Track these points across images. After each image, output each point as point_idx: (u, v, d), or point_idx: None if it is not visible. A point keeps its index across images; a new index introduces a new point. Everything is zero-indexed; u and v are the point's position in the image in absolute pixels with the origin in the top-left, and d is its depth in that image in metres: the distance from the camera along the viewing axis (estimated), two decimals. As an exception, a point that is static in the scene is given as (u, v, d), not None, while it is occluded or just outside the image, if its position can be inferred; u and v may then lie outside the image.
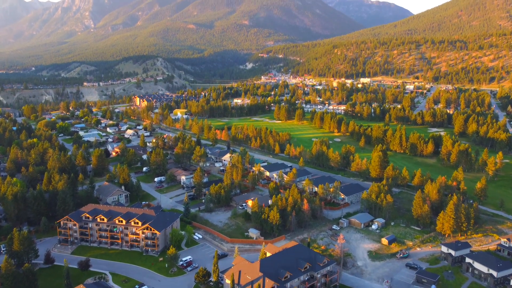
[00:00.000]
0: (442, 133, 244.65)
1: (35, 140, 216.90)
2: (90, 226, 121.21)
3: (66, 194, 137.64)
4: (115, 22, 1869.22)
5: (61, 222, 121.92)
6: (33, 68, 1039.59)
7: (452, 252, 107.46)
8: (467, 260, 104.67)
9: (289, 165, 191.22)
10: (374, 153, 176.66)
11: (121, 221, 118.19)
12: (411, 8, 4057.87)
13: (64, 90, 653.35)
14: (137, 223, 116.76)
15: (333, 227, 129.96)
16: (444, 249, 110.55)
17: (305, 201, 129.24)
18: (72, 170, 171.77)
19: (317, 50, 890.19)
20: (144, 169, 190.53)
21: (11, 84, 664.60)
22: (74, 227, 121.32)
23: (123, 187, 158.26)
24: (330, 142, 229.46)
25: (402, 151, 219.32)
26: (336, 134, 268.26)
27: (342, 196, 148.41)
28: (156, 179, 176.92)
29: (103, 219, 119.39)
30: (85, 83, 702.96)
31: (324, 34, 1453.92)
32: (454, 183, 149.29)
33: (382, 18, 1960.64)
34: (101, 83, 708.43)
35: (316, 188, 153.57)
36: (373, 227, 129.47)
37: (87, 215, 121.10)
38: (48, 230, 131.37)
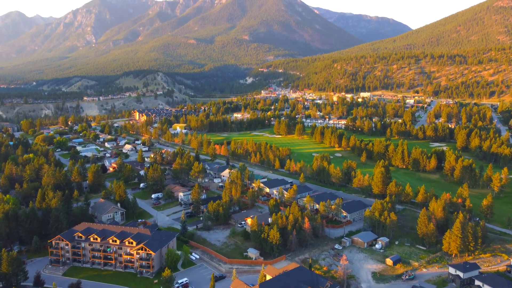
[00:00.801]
0: (444, 148, 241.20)
1: (31, 155, 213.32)
2: (83, 246, 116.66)
3: (60, 212, 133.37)
4: (117, 37, 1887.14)
5: (53, 242, 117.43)
6: (34, 83, 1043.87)
7: (461, 274, 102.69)
8: (477, 282, 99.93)
9: (289, 181, 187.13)
10: (376, 168, 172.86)
11: (115, 241, 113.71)
12: (409, 23, 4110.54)
13: (64, 105, 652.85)
14: (132, 243, 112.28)
15: (335, 247, 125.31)
16: (451, 270, 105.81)
17: (306, 219, 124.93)
18: (67, 187, 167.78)
19: (317, 65, 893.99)
20: (141, 185, 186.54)
21: (11, 99, 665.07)
22: (66, 247, 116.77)
23: (118, 204, 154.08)
24: (331, 157, 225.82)
25: (404, 167, 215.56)
26: (337, 149, 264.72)
27: (344, 214, 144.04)
28: (153, 196, 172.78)
29: (96, 239, 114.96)
30: (85, 98, 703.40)
31: (324, 49, 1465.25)
32: (459, 200, 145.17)
33: (381, 33, 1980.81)
34: (101, 98, 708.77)
35: (317, 205, 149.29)
36: (377, 246, 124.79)
37: (80, 235, 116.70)
38: (40, 249, 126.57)
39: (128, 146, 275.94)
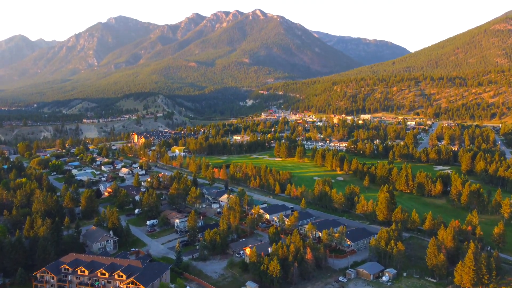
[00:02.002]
0: (449, 171, 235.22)
1: (23, 179, 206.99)
2: (69, 279, 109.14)
3: (48, 241, 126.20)
4: (118, 60, 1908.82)
5: (38, 275, 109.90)
6: (35, 105, 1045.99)
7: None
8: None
9: (290, 207, 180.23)
10: (380, 194, 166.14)
11: (104, 274, 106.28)
12: (408, 46, 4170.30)
13: (64, 127, 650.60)
14: (122, 276, 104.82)
15: (339, 279, 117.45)
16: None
17: (308, 249, 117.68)
18: (59, 213, 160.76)
19: (317, 87, 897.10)
20: (136, 211, 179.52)
21: (10, 121, 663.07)
22: (52, 280, 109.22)
23: (111, 232, 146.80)
24: (333, 181, 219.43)
25: (408, 191, 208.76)
26: (338, 172, 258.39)
27: (348, 243, 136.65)
28: (148, 223, 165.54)
29: (84, 272, 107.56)
30: (84, 120, 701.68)
31: (323, 72, 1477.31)
32: (469, 228, 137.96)
33: (380, 56, 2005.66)
34: (101, 120, 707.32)
35: (319, 233, 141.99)
36: (384, 278, 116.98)
37: (67, 267, 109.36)
38: (25, 282, 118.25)
39: (124, 170, 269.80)
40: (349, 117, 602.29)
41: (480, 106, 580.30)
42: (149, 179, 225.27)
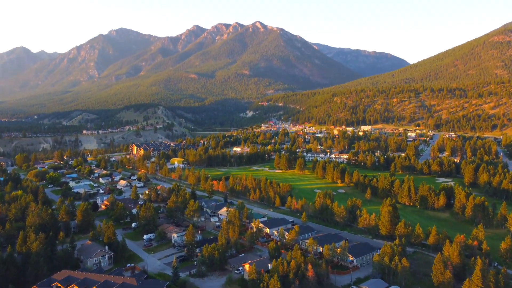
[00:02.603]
0: (451, 184, 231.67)
1: (19, 192, 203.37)
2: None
3: (40, 256, 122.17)
4: (119, 72, 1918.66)
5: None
6: (36, 116, 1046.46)
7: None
8: None
9: (290, 220, 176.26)
10: (383, 207, 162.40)
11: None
12: (407, 58, 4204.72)
13: (63, 138, 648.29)
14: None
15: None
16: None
17: (310, 266, 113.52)
18: (54, 227, 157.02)
19: (317, 99, 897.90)
20: (133, 224, 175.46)
21: (10, 132, 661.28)
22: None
23: (106, 247, 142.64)
24: (334, 193, 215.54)
25: (411, 204, 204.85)
26: (339, 184, 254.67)
27: (351, 258, 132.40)
28: (145, 237, 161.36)
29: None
30: (84, 131, 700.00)
31: (323, 83, 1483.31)
32: (475, 243, 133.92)
33: (380, 67, 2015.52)
34: (100, 131, 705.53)
35: (321, 248, 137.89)
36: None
37: (59, 284, 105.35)
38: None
39: (122, 182, 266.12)
40: (350, 129, 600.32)
41: (480, 118, 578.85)
42: (147, 192, 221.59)
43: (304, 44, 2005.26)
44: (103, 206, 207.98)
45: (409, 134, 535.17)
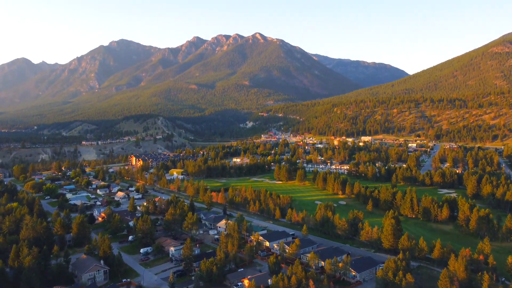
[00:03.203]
0: (454, 195, 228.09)
1: (14, 204, 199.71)
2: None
3: (33, 272, 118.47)
4: (119, 82, 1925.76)
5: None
6: (35, 127, 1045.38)
7: None
8: None
9: (291, 233, 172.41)
10: (385, 219, 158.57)
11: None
12: (406, 68, 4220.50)
13: (62, 149, 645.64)
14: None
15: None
16: None
17: (311, 282, 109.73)
18: (48, 240, 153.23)
19: (317, 109, 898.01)
20: (130, 237, 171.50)
21: (9, 143, 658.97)
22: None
23: (102, 262, 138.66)
24: (335, 205, 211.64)
25: (414, 216, 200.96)
26: (340, 196, 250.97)
27: (354, 273, 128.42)
28: (141, 250, 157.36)
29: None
30: (83, 142, 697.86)
31: (323, 94, 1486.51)
32: (481, 257, 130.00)
33: (379, 78, 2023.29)
34: (100, 142, 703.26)
35: (322, 263, 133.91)
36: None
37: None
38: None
39: (120, 194, 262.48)
40: (350, 139, 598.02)
41: (481, 128, 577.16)
42: (145, 204, 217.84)
43: (304, 55, 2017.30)
44: (100, 219, 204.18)
45: (409, 144, 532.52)
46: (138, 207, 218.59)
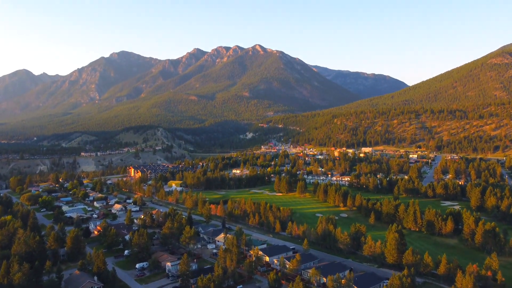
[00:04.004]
0: (457, 207, 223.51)
1: (8, 217, 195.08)
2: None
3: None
4: (120, 94, 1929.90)
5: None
6: (35, 138, 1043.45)
7: None
8: None
9: (291, 247, 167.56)
10: (389, 233, 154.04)
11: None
12: (406, 80, 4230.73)
13: (61, 160, 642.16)
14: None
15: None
16: None
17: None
18: (41, 255, 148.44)
19: (317, 120, 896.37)
20: (126, 252, 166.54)
21: (7, 154, 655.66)
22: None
23: (95, 278, 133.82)
24: (336, 218, 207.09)
25: (417, 229, 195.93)
26: (342, 208, 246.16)
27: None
28: (137, 266, 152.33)
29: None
30: (82, 153, 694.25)
31: (323, 105, 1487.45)
32: (489, 273, 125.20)
33: (378, 89, 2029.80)
34: (99, 153, 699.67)
35: (324, 279, 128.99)
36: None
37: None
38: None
39: (117, 206, 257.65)
40: (350, 150, 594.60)
41: (482, 139, 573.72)
42: (142, 217, 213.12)
43: (304, 66, 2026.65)
44: (95, 232, 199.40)
45: (410, 155, 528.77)
46: (135, 220, 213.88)
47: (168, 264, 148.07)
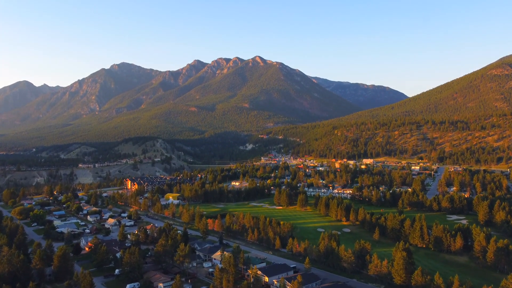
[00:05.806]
0: (465, 222, 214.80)
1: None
2: None
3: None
4: (120, 105, 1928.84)
5: None
6: (34, 149, 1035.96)
7: None
8: None
9: (292, 266, 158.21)
10: (396, 252, 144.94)
11: None
12: (405, 91, 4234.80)
13: (58, 172, 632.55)
14: None
15: None
16: None
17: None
18: (25, 275, 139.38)
19: (317, 131, 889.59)
20: (116, 271, 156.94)
21: (4, 166, 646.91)
22: None
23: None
24: (339, 233, 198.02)
25: (424, 246, 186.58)
26: (344, 223, 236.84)
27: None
28: (128, 286, 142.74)
29: None
30: (80, 165, 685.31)
31: (323, 116, 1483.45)
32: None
33: (378, 100, 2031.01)
34: (97, 165, 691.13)
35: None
36: None
37: None
38: None
39: (111, 220, 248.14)
40: (351, 162, 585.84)
41: (485, 150, 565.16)
42: (136, 232, 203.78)
43: (303, 77, 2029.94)
44: (87, 248, 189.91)
45: (412, 167, 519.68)
46: (128, 236, 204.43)
47: (161, 285, 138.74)
